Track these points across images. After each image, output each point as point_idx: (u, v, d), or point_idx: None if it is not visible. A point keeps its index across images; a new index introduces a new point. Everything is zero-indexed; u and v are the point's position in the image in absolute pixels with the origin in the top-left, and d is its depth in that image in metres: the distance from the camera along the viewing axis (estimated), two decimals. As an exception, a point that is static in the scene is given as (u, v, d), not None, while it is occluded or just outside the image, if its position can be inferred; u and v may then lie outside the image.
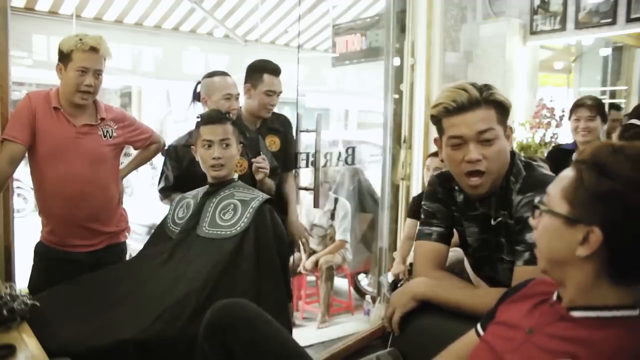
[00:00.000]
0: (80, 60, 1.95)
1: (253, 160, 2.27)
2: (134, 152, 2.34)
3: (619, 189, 0.84)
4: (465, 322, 1.21)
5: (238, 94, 2.39)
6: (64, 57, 1.97)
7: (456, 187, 1.49)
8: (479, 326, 1.15)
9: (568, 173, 0.92)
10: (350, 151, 3.55)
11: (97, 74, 2.00)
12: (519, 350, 0.96)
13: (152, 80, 6.76)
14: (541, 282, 1.07)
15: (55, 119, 2.00)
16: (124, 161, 2.32)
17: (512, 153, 1.40)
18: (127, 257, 2.33)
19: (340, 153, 3.51)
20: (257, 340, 1.29)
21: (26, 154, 1.99)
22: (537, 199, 1.24)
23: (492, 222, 1.41)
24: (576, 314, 0.91)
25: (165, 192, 2.33)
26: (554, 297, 0.98)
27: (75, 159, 2.01)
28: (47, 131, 1.98)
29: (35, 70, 5.61)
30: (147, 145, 2.30)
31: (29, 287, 2.03)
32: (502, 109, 1.35)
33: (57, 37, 1.98)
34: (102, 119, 2.09)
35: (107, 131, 2.10)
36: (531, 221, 1.00)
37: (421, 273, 1.47)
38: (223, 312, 1.33)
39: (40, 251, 2.09)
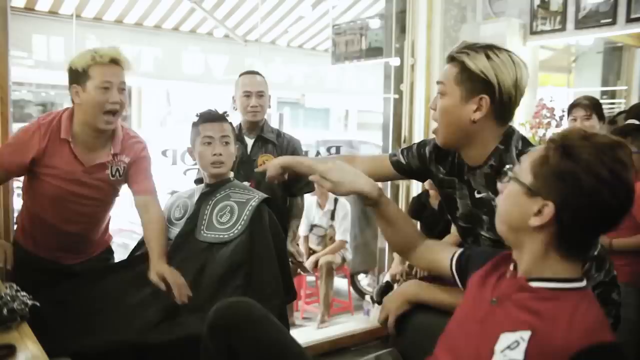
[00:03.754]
0: (102, 74, 1.72)
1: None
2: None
3: (578, 171, 0.90)
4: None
5: (260, 92, 2.41)
6: (80, 76, 1.73)
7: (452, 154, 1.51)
8: (454, 268, 1.25)
9: (540, 149, 0.98)
10: (333, 150, 3.55)
11: (121, 88, 1.77)
12: (484, 320, 1.01)
13: (152, 80, 6.75)
14: (505, 256, 1.11)
15: (61, 154, 1.79)
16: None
17: (510, 135, 1.38)
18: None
19: (318, 152, 3.50)
20: (261, 340, 1.29)
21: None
22: None
23: (476, 195, 1.41)
24: (534, 284, 0.97)
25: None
26: (511, 266, 1.04)
27: (76, 201, 1.84)
28: (51, 172, 1.80)
29: (35, 70, 5.60)
30: (145, 205, 1.88)
31: None
32: (467, 72, 1.34)
33: (57, 37, 1.96)
34: (115, 155, 1.85)
35: (117, 169, 1.86)
36: (499, 185, 1.05)
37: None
38: (227, 312, 1.33)
39: (24, 260, 1.89)
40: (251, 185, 2.16)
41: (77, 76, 1.75)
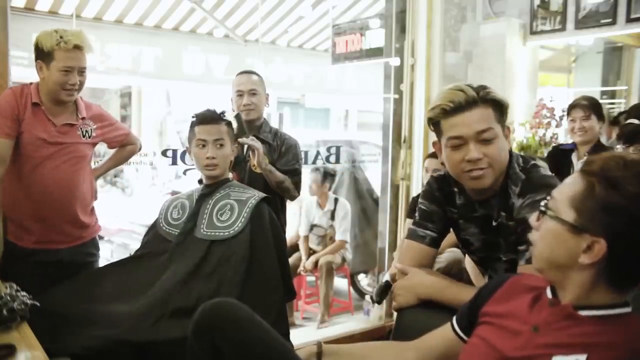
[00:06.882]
0: (64, 59, 1.87)
1: (241, 140, 2.22)
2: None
3: (627, 204, 0.88)
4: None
5: (252, 90, 2.42)
6: (45, 55, 1.88)
7: (456, 190, 1.49)
8: (456, 326, 1.17)
9: (576, 181, 0.94)
10: (333, 150, 3.55)
11: (81, 71, 1.93)
12: (528, 348, 0.97)
13: (152, 80, 6.74)
14: (524, 278, 1.10)
15: (35, 117, 1.93)
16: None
17: (510, 155, 1.41)
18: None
19: (318, 152, 3.51)
20: (246, 340, 1.29)
21: None
22: (537, 199, 1.25)
23: (494, 223, 1.41)
24: (583, 313, 0.94)
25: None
26: (549, 294, 1.01)
27: (55, 159, 1.96)
28: (29, 129, 1.92)
29: (34, 70, 5.62)
30: (123, 145, 2.25)
31: None
32: (500, 108, 1.35)
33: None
34: (83, 119, 2.04)
35: (86, 131, 2.05)
36: (532, 221, 1.01)
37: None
38: (211, 312, 1.33)
39: (17, 254, 1.98)
40: None
41: (42, 54, 1.89)
